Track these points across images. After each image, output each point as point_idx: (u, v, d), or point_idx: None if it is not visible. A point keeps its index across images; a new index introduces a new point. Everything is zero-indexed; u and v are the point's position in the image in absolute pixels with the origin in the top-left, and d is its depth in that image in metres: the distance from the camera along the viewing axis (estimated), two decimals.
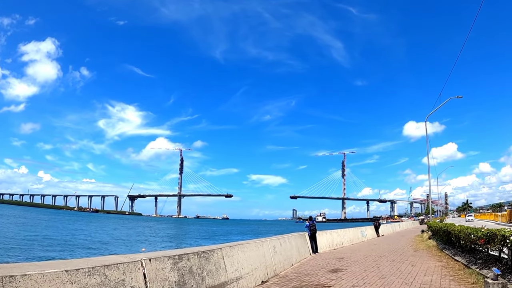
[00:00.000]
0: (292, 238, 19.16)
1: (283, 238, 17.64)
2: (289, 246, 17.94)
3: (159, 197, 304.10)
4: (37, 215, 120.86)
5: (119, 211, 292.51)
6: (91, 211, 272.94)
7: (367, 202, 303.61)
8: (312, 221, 23.16)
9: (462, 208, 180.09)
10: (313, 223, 23.00)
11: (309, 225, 22.93)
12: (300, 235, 21.25)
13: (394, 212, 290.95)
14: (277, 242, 16.15)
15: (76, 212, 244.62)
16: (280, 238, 17.24)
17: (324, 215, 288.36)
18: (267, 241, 15.00)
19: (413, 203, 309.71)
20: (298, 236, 20.81)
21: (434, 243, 23.41)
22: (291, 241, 18.70)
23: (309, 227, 22.82)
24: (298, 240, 20.26)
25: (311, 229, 22.72)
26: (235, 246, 11.61)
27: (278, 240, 16.51)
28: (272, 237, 17.52)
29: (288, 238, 18.34)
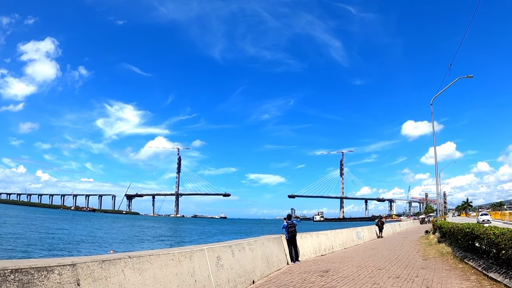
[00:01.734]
0: (257, 243, 13.78)
1: (240, 244, 12.28)
2: (250, 256, 12.58)
3: (157, 196, 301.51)
4: (26, 214, 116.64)
5: (117, 211, 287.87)
6: (88, 211, 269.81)
7: (366, 201, 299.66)
8: (290, 220, 17.75)
9: (462, 207, 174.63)
10: (292, 222, 17.60)
11: (286, 225, 17.55)
12: (273, 239, 15.88)
13: (392, 211, 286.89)
14: (225, 251, 10.89)
15: (72, 211, 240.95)
16: (235, 244, 11.88)
17: (322, 214, 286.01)
18: (204, 250, 9.75)
19: (412, 202, 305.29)
20: (270, 240, 15.43)
21: (448, 249, 17.86)
22: (255, 247, 13.35)
23: (287, 228, 17.45)
24: (268, 245, 14.89)
25: (290, 230, 17.35)
26: (118, 260, 6.36)
27: (229, 247, 11.22)
28: (224, 242, 12.09)
29: (250, 244, 12.96)
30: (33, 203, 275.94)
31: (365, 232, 32.20)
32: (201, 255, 9.53)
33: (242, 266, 11.67)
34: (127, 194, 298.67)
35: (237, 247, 11.86)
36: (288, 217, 17.96)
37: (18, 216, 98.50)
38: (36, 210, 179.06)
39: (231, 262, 11.03)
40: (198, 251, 9.52)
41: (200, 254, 9.51)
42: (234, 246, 11.69)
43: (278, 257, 15.71)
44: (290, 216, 18.04)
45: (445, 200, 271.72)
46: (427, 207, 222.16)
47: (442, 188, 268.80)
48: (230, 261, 11.02)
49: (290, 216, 18.01)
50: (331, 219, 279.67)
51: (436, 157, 31.65)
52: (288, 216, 18.04)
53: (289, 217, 17.94)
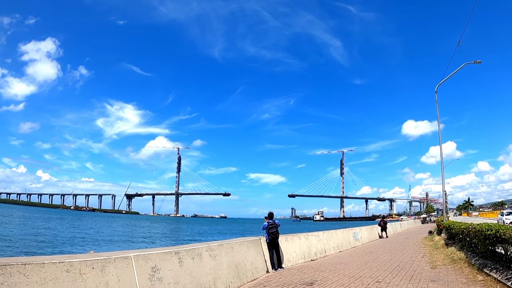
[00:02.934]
0: (223, 248, 10.82)
1: (195, 249, 9.36)
2: (209, 264, 9.70)
3: (157, 196, 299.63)
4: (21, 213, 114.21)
5: (116, 210, 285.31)
6: (87, 210, 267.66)
7: (366, 200, 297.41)
8: (272, 220, 14.78)
9: (463, 206, 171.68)
10: (274, 222, 14.62)
11: (267, 225, 14.57)
12: (248, 242, 12.87)
13: (393, 210, 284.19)
14: (168, 259, 8.12)
15: (72, 211, 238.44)
16: (185, 249, 8.99)
17: (322, 213, 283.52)
18: (130, 258, 7.07)
19: (412, 201, 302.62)
20: (243, 243, 12.44)
21: (460, 254, 14.80)
22: (219, 253, 10.46)
23: (267, 229, 14.48)
24: (239, 250, 11.91)
25: (270, 232, 14.38)
26: None
27: (174, 254, 8.41)
28: (170, 248, 9.11)
29: (210, 249, 10.06)
30: (33, 203, 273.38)
31: (363, 232, 29.16)
32: (124, 266, 6.73)
33: (195, 279, 8.79)
34: (127, 194, 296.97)
35: (189, 254, 8.95)
36: (269, 216, 14.95)
37: (11, 215, 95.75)
38: (35, 210, 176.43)
39: (176, 274, 8.16)
40: (119, 260, 6.69)
41: (121, 264, 6.68)
42: (184, 252, 8.76)
43: (254, 264, 12.72)
44: (272, 214, 14.98)
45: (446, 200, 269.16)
46: (428, 207, 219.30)
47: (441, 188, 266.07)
48: (176, 272, 8.15)
49: (271, 215, 14.97)
50: (331, 218, 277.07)
51: (441, 149, 28.71)
52: (269, 214, 15.00)
53: (271, 216, 14.92)
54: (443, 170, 28.24)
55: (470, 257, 13.49)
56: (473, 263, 12.58)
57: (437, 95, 29.60)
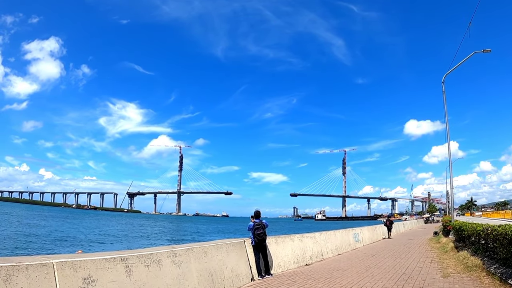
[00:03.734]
0: (193, 252, 8.95)
1: (152, 254, 7.49)
2: (172, 273, 7.95)
3: (159, 195, 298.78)
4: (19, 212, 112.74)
5: (118, 209, 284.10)
6: (89, 209, 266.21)
7: (368, 200, 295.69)
8: (259, 220, 12.84)
9: (465, 206, 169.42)
10: (261, 222, 12.70)
11: (252, 226, 12.63)
12: (228, 245, 10.95)
13: (395, 210, 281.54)
14: (110, 268, 6.34)
15: (73, 209, 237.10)
16: (137, 255, 7.11)
17: (324, 213, 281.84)
18: (51, 265, 5.29)
19: (414, 201, 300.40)
20: (222, 247, 10.54)
21: (476, 260, 12.74)
22: (187, 259, 8.61)
23: (253, 230, 12.54)
24: (216, 255, 10.00)
25: (256, 233, 12.44)
26: None
27: (120, 262, 6.60)
28: (114, 253, 7.12)
29: (174, 255, 8.22)
30: (35, 201, 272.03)
31: (364, 233, 27.13)
32: (41, 275, 4.96)
33: None
34: (129, 192, 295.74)
35: (143, 260, 7.10)
36: (255, 215, 12.97)
37: (8, 214, 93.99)
38: (35, 208, 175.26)
39: (122, 287, 6.20)
40: (34, 268, 4.89)
41: (37, 273, 4.91)
42: (135, 259, 6.89)
43: (236, 271, 10.77)
44: (258, 213, 13.00)
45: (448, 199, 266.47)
46: (430, 206, 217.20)
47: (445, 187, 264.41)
48: (121, 285, 6.29)
49: (258, 214, 12.98)
50: (333, 218, 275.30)
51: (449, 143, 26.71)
52: (255, 213, 13.02)
53: (257, 215, 12.95)
54: (451, 165, 26.24)
55: (488, 264, 11.47)
56: (493, 271, 10.56)
57: (444, 85, 27.55)
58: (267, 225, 12.87)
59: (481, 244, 13.55)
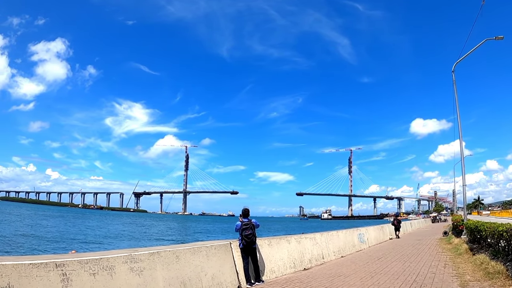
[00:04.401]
0: (162, 257, 7.53)
1: (107, 259, 5.92)
2: (129, 285, 6.29)
3: (165, 194, 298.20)
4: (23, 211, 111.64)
5: (124, 208, 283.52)
6: (95, 208, 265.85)
7: (374, 199, 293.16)
8: (247, 219, 11.20)
9: (472, 205, 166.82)
10: (250, 222, 11.07)
11: (240, 226, 11.02)
12: (209, 249, 9.41)
13: (401, 209, 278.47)
14: (37, 275, 4.88)
15: (79, 209, 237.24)
16: (77, 261, 5.44)
17: (330, 212, 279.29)
18: None
19: (421, 200, 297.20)
20: (201, 250, 9.02)
21: (498, 265, 10.96)
22: (151, 266, 7.14)
23: (240, 230, 10.92)
24: (192, 260, 8.51)
25: (244, 235, 10.79)
26: None
27: (55, 269, 4.85)
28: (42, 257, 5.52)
29: (133, 260, 6.71)
30: (42, 201, 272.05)
31: (370, 233, 25.37)
32: None
33: None
34: (135, 192, 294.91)
35: (88, 267, 5.57)
36: (244, 214, 11.32)
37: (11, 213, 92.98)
38: (41, 208, 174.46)
39: None
40: None
41: None
42: (76, 265, 5.39)
43: (218, 278, 9.19)
44: (247, 212, 11.34)
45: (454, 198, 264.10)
46: (437, 205, 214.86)
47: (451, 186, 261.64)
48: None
49: (247, 212, 11.32)
50: (339, 217, 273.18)
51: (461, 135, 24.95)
52: (243, 211, 11.37)
53: (246, 214, 11.29)
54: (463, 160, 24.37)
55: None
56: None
57: (454, 74, 25.76)
58: (258, 225, 11.27)
59: (501, 247, 11.86)
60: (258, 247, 11.54)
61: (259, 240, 11.89)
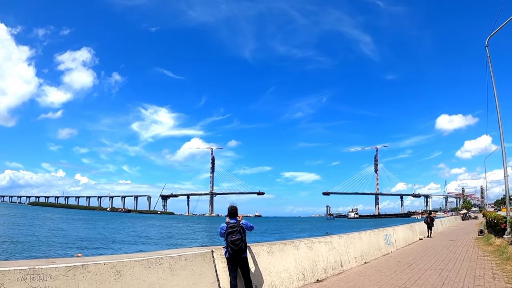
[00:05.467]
0: (87, 275, 4.71)
1: None
2: None
3: (191, 196, 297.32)
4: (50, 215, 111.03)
5: (152, 211, 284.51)
6: (123, 211, 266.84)
7: (401, 197, 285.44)
8: (234, 219, 8.50)
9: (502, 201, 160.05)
10: (237, 223, 8.37)
11: (225, 228, 8.35)
12: (178, 260, 6.91)
13: (428, 207, 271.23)
14: None
15: (107, 212, 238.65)
16: None
17: (357, 211, 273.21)
18: None
19: (448, 197, 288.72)
20: (163, 262, 6.45)
21: None
22: (72, 285, 4.29)
23: (226, 234, 8.25)
24: (144, 278, 5.78)
25: (231, 241, 8.10)
26: None
27: None
28: None
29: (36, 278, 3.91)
30: (71, 205, 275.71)
31: (398, 233, 22.32)
32: None
33: None
34: (162, 195, 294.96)
35: None
36: (230, 213, 8.61)
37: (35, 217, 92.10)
38: (68, 212, 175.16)
39: None
40: None
41: None
42: None
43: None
44: (234, 210, 8.61)
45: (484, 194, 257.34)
46: (465, 202, 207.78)
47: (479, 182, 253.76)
48: None
49: (234, 211, 8.57)
50: (366, 216, 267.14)
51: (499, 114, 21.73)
52: (230, 210, 8.64)
53: (233, 213, 8.56)
54: (504, 147, 21.23)
55: None
56: None
57: (488, 49, 22.61)
58: (250, 227, 8.64)
59: None
60: (254, 255, 8.95)
61: (256, 246, 9.31)
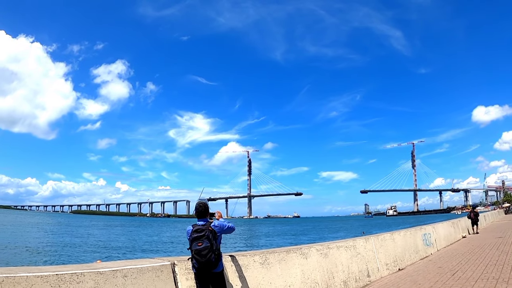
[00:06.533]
0: None
1: None
2: None
3: (230, 199, 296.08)
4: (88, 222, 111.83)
5: (191, 215, 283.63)
6: (163, 217, 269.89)
7: (440, 192, 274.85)
8: (203, 221, 6.05)
9: None
10: (206, 227, 5.84)
11: (190, 233, 5.84)
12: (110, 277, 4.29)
13: (468, 201, 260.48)
14: None
15: (147, 218, 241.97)
16: None
17: (395, 208, 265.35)
18: None
19: (488, 191, 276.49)
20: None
21: None
22: None
23: (190, 240, 5.78)
24: None
25: (196, 250, 5.57)
26: None
27: None
28: None
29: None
30: (111, 212, 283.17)
31: (439, 231, 19.13)
32: None
33: None
34: (200, 199, 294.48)
35: None
36: (197, 212, 6.15)
37: (70, 225, 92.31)
38: (107, 218, 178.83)
39: None
40: None
41: None
42: None
43: None
44: (203, 209, 6.15)
45: None
46: (506, 195, 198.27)
47: None
48: None
49: (201, 210, 6.14)
50: (405, 212, 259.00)
51: None
52: (197, 209, 6.20)
53: (201, 213, 6.14)
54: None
55: None
56: None
57: None
58: (227, 228, 6.24)
59: None
60: (240, 268, 6.53)
61: (244, 256, 6.85)
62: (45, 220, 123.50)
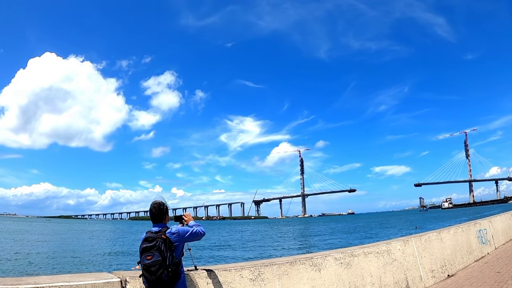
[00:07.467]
0: None
1: None
2: None
3: (284, 199, 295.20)
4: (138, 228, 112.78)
5: (246, 217, 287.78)
6: (218, 219, 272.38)
7: (496, 182, 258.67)
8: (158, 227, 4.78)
9: None
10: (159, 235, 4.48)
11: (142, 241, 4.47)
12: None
13: None
14: None
15: (203, 221, 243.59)
16: None
17: (451, 200, 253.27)
18: None
19: None
20: None
21: None
22: None
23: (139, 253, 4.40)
24: None
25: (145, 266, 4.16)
26: None
27: None
28: None
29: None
30: None
31: (496, 226, 16.32)
32: None
33: None
34: (254, 200, 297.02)
35: None
36: (152, 215, 4.87)
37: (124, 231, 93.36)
38: None
39: None
40: None
41: None
42: None
43: None
44: (157, 211, 4.86)
45: None
46: None
47: None
48: None
49: (156, 213, 4.85)
50: (461, 204, 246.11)
51: None
52: (152, 211, 4.86)
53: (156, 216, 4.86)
54: None
55: None
56: None
57: None
58: (192, 233, 4.93)
59: None
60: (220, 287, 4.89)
61: (228, 271, 5.23)
62: (107, 227, 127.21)
